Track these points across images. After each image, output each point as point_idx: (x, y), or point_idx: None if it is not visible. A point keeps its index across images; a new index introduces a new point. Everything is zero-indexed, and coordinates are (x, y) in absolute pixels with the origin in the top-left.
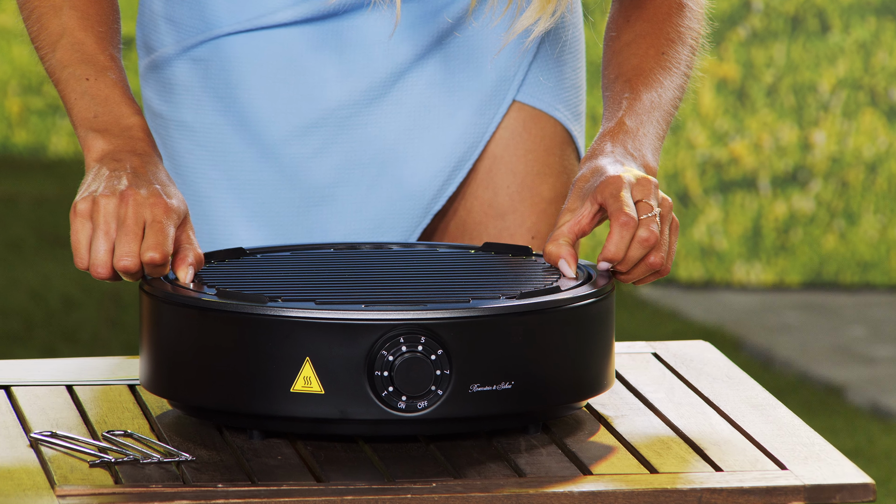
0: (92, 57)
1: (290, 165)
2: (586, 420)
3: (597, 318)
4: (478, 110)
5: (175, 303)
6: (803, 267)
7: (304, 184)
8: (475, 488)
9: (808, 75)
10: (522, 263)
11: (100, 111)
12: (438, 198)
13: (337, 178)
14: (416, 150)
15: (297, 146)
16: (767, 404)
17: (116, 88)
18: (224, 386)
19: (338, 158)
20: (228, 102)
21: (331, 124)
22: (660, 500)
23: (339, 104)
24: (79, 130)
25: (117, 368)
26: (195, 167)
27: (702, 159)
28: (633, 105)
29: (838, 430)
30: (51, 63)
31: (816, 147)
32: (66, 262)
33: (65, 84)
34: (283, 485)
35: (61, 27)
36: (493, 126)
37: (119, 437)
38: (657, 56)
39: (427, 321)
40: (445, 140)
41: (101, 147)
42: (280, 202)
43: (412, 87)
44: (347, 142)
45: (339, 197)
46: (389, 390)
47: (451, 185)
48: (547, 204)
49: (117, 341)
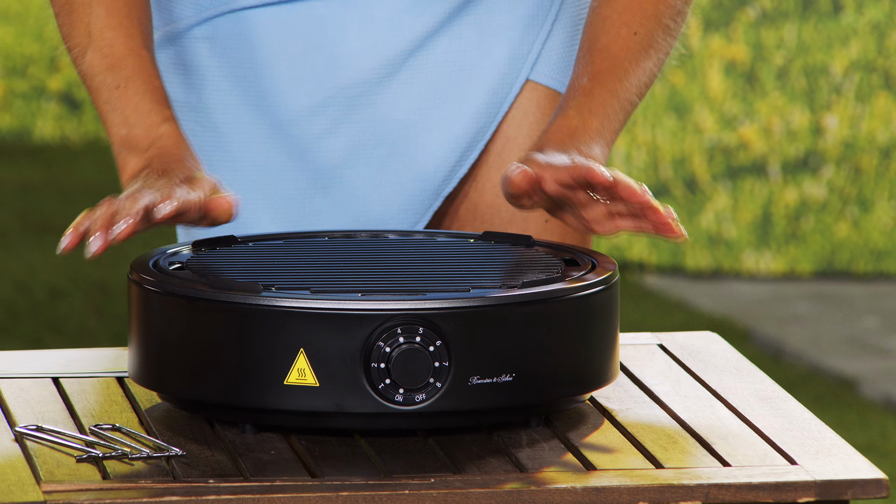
0: (121, 61)
1: (299, 145)
2: (590, 413)
3: (601, 307)
4: (490, 89)
5: (165, 292)
6: (815, 255)
7: (312, 165)
8: (475, 484)
9: (819, 57)
10: (523, 252)
11: (131, 124)
12: (449, 180)
13: (346, 159)
14: (427, 130)
15: (308, 124)
16: (777, 397)
17: (146, 95)
18: (215, 378)
19: (347, 139)
20: (244, 79)
21: (341, 103)
22: (665, 496)
23: (354, 80)
24: (114, 147)
25: (105, 360)
26: (199, 150)
27: (710, 144)
28: (589, 95)
29: (850, 424)
30: (82, 69)
31: (828, 131)
32: (51, 251)
33: (97, 94)
34: (277, 480)
35: (89, 28)
36: (505, 105)
37: (107, 431)
38: (628, 37)
39: (425, 311)
40: (457, 120)
41: (133, 164)
42: (286, 184)
43: (423, 66)
44: (357, 122)
45: (347, 179)
46: (386, 383)
47: (462, 167)
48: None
49: (105, 332)
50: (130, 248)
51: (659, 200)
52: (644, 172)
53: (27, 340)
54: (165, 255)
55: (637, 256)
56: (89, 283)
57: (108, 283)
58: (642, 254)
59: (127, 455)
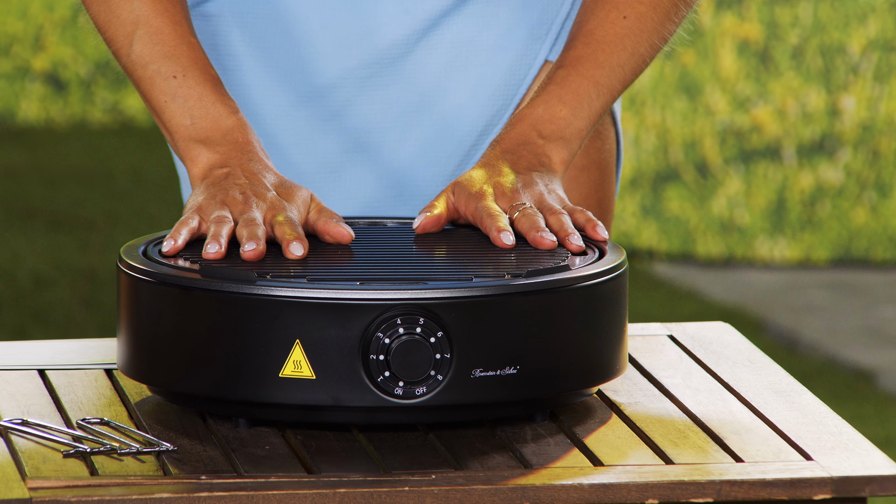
0: (174, 49)
1: (327, 113)
2: (597, 407)
3: (608, 297)
4: (508, 70)
5: (155, 281)
6: (831, 243)
7: (317, 151)
8: (478, 480)
9: (836, 35)
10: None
11: (196, 115)
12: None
13: (355, 143)
14: (442, 112)
15: (342, 91)
16: (792, 390)
17: (207, 85)
18: (208, 370)
19: (355, 122)
20: (273, 47)
21: (350, 85)
22: (676, 493)
23: (392, 43)
24: (176, 139)
25: (93, 351)
26: None
27: (722, 127)
28: (562, 83)
29: (868, 419)
30: (129, 59)
31: (845, 113)
32: (36, 238)
33: (149, 84)
34: (272, 477)
35: (135, 15)
36: (523, 88)
37: (95, 425)
38: (617, 20)
39: (426, 301)
40: (473, 102)
41: (206, 159)
42: (314, 154)
43: (437, 46)
44: (367, 104)
45: (356, 163)
46: (386, 375)
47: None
48: (578, 171)
49: (93, 322)
50: (119, 234)
51: (669, 185)
52: (653, 156)
53: (11, 331)
54: (156, 242)
55: (646, 244)
56: (76, 271)
57: (96, 271)
58: (652, 241)
59: (116, 450)
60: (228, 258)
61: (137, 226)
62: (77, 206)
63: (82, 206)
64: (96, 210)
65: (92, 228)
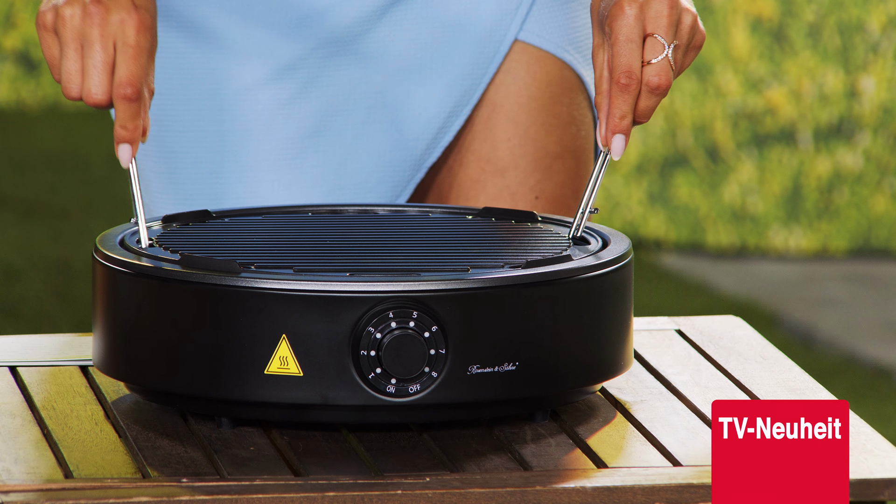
0: None
1: (263, 114)
2: (601, 406)
3: (613, 290)
4: (475, 48)
5: (133, 272)
6: (849, 232)
7: (278, 135)
8: (474, 483)
9: (855, 13)
10: (527, 229)
11: None
12: (432, 149)
13: (316, 127)
14: (407, 93)
15: (275, 90)
16: (807, 388)
17: None
18: (189, 367)
19: (317, 105)
20: (238, 24)
21: (312, 64)
22: (684, 496)
23: (327, 38)
24: None
25: (67, 347)
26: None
27: (733, 109)
28: None
29: (888, 418)
30: None
31: (864, 95)
32: (6, 227)
33: None
34: (257, 479)
35: None
36: (492, 68)
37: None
38: None
39: (420, 293)
40: (439, 82)
41: None
42: (253, 155)
43: (402, 21)
44: (329, 85)
45: (318, 149)
46: (377, 372)
47: (446, 135)
48: (552, 160)
49: (66, 316)
50: (94, 223)
51: (677, 171)
52: (661, 140)
53: None
54: (133, 232)
55: (653, 233)
56: (48, 262)
57: (70, 263)
58: (659, 231)
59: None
60: (209, 248)
61: (114, 214)
62: (50, 194)
63: (55, 194)
64: (70, 198)
65: (66, 217)
